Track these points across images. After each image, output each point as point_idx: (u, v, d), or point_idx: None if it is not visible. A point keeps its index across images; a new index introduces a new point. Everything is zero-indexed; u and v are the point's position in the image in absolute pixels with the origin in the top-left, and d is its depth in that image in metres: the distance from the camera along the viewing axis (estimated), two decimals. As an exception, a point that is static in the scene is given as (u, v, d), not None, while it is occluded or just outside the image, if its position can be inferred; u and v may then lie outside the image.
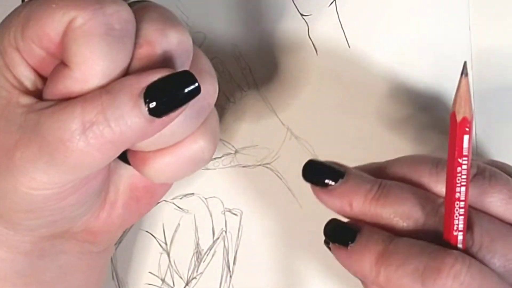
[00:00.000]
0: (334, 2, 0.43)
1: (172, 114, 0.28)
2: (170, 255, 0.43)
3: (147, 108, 0.28)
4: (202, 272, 0.43)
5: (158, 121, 0.28)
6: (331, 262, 0.41)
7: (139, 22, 0.29)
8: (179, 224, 0.43)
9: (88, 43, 0.27)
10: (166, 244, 0.43)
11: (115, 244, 0.42)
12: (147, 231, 0.43)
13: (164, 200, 0.43)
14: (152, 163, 0.31)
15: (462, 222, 0.31)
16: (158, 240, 0.43)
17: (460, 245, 0.31)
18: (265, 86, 0.43)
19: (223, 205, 0.43)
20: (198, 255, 0.43)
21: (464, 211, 0.31)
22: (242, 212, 0.43)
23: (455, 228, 0.31)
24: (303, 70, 0.43)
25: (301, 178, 0.35)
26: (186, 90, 0.28)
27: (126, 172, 0.34)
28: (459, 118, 0.30)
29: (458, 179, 0.31)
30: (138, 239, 0.43)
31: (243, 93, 0.43)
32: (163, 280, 0.43)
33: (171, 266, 0.43)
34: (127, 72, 0.29)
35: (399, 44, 0.42)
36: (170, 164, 0.31)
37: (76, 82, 0.28)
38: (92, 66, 0.28)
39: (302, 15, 0.43)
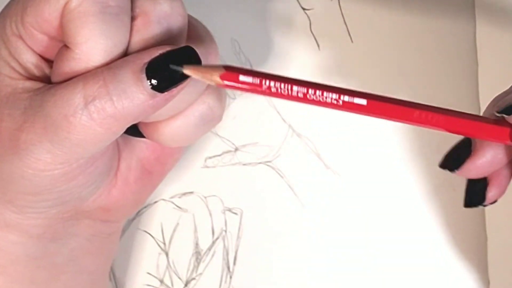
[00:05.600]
0: (336, -5, 0.43)
1: (174, 89, 0.29)
2: (169, 255, 0.43)
3: (149, 83, 0.29)
4: (202, 272, 0.42)
5: (160, 96, 0.29)
6: (332, 262, 0.42)
7: None
8: (178, 223, 0.43)
9: (86, 23, 0.29)
10: (164, 244, 0.43)
11: (112, 244, 0.42)
12: (145, 231, 0.43)
13: (163, 199, 0.43)
14: (165, 128, 0.32)
15: None
16: (157, 240, 0.43)
17: None
18: (266, 82, 0.43)
19: (223, 204, 0.43)
20: (198, 255, 0.42)
21: None
22: (242, 211, 0.42)
23: None
24: (305, 65, 0.43)
25: (302, 176, 0.35)
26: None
27: (138, 148, 0.36)
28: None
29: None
30: (136, 239, 0.43)
31: (243, 89, 0.43)
32: (161, 281, 0.42)
33: (170, 266, 0.42)
34: (128, 46, 0.30)
35: (402, 39, 0.42)
36: (182, 127, 0.32)
37: (80, 62, 0.29)
38: (93, 45, 0.29)
39: (304, 9, 0.43)
